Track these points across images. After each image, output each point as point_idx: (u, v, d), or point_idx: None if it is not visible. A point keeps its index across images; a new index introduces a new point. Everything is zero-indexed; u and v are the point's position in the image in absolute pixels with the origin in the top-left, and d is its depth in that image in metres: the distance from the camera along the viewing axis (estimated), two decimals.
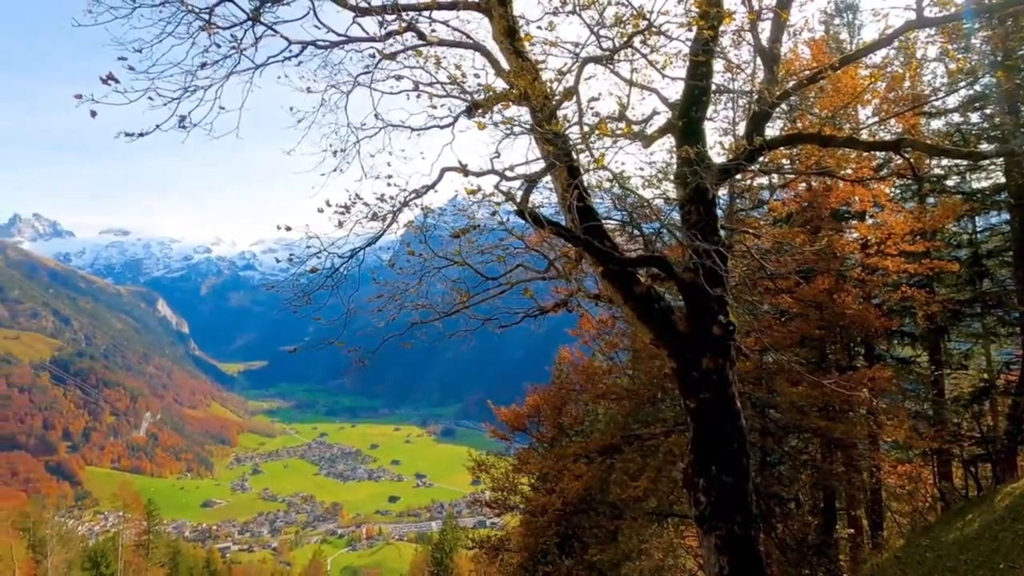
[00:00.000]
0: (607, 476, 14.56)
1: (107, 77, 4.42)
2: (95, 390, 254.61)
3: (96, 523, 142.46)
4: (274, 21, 5.26)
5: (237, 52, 5.22)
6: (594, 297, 8.96)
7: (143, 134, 4.82)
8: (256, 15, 5.16)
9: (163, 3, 5.17)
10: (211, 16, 5.29)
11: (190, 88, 5.05)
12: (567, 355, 20.74)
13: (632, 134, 5.73)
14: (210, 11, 5.28)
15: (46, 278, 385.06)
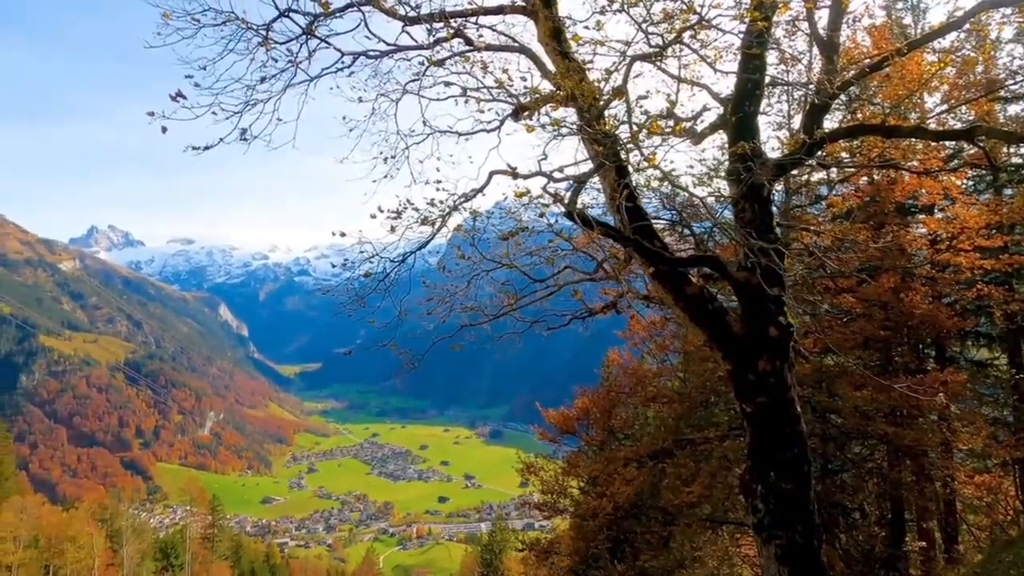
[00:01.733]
0: (658, 481, 14.25)
1: (176, 94, 4.69)
2: (164, 390, 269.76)
3: (166, 516, 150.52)
4: (328, 34, 5.45)
5: (293, 66, 5.44)
6: (644, 298, 8.81)
7: (208, 147, 5.09)
8: (311, 29, 5.36)
9: (224, 22, 5.44)
10: (268, 32, 5.53)
11: (251, 102, 5.30)
12: (616, 357, 20.46)
13: (682, 132, 5.61)
14: (267, 27, 5.52)
15: (120, 285, 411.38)
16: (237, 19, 5.23)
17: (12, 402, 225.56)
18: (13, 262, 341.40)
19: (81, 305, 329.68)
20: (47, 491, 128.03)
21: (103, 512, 60.58)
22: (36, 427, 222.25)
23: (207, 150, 5.10)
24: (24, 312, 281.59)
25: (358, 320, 7.74)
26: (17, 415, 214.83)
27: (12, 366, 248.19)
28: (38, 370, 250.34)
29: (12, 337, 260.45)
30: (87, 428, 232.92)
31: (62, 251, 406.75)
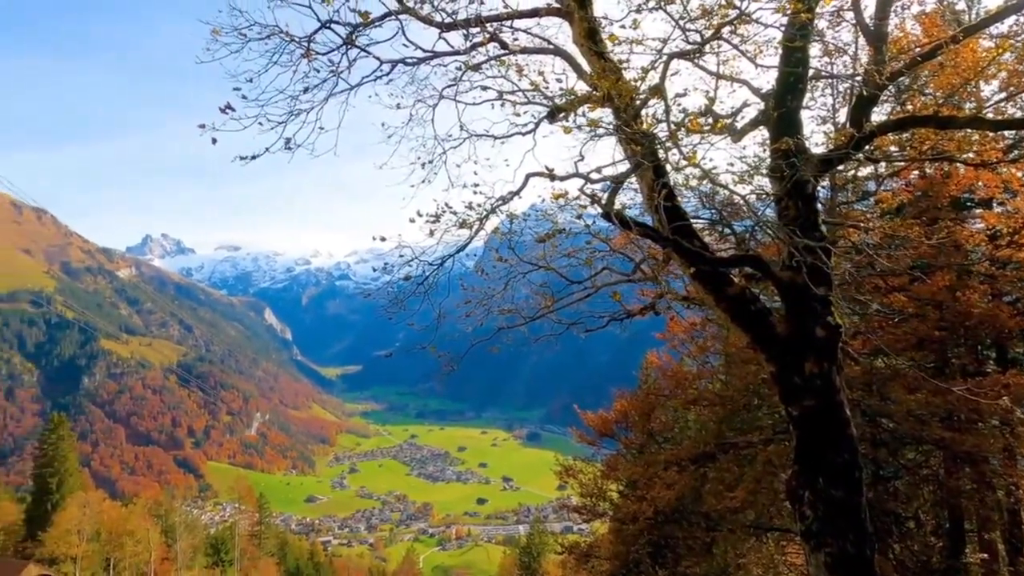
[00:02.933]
0: (700, 485, 13.94)
1: (225, 106, 4.91)
2: (214, 392, 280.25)
3: (216, 513, 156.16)
4: (367, 43, 5.59)
5: (335, 75, 5.60)
6: (683, 299, 8.67)
7: (255, 157, 5.30)
8: (351, 39, 5.51)
9: (268, 36, 5.65)
10: (310, 44, 5.72)
11: (294, 111, 5.49)
12: (655, 359, 20.17)
13: (722, 129, 5.51)
14: (309, 39, 5.70)
15: (172, 291, 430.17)
16: (281, 32, 5.42)
17: (76, 402, 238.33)
18: (76, 270, 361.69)
19: (137, 310, 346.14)
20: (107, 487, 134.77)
21: (158, 508, 63.39)
22: (97, 426, 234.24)
23: (254, 159, 5.31)
24: (86, 317, 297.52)
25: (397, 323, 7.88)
26: (80, 415, 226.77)
27: (75, 368, 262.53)
28: (99, 372, 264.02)
29: (75, 341, 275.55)
30: (143, 427, 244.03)
31: (120, 259, 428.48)
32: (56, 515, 47.47)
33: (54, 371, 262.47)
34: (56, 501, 48.99)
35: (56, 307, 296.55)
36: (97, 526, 50.10)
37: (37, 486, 51.45)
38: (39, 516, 48.80)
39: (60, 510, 47.91)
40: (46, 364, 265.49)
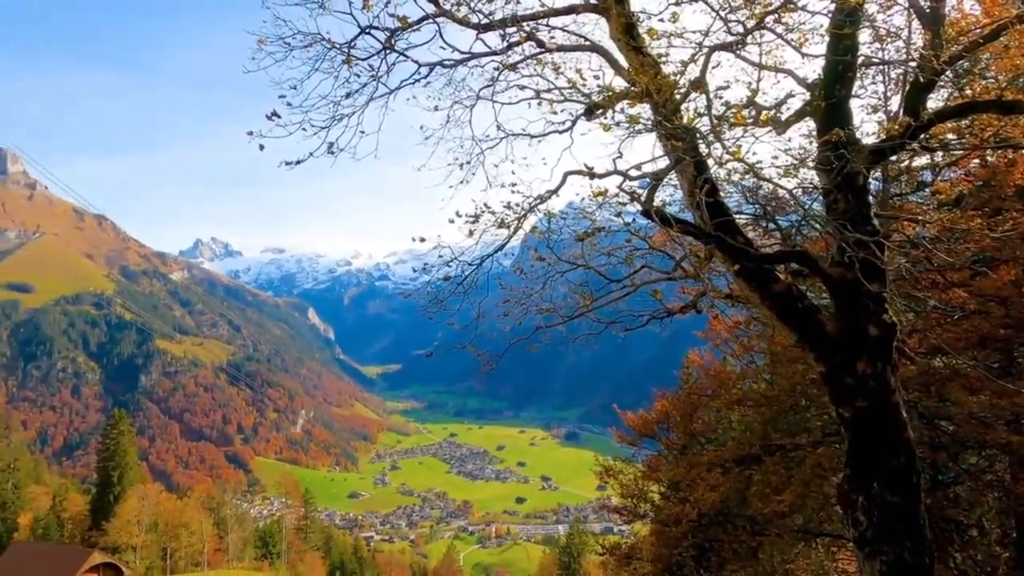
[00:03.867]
0: (745, 488, 13.57)
1: (271, 114, 5.07)
2: (261, 390, 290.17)
3: (264, 507, 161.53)
4: (405, 47, 5.68)
5: (375, 80, 5.70)
6: (726, 297, 8.46)
7: (299, 162, 5.46)
8: (390, 43, 5.60)
9: (310, 44, 5.79)
10: (350, 50, 5.84)
11: (336, 116, 5.62)
12: (696, 359, 19.75)
13: (767, 121, 5.34)
14: (350, 45, 5.82)
15: (221, 292, 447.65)
16: (323, 39, 5.55)
17: (134, 399, 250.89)
18: (133, 273, 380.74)
19: (189, 311, 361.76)
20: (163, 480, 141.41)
21: (210, 501, 66.10)
22: (153, 422, 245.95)
23: (299, 164, 5.47)
24: (143, 318, 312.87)
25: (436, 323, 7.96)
26: (138, 411, 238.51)
27: (134, 367, 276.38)
28: (155, 370, 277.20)
29: (133, 341, 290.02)
30: (196, 424, 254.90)
31: (173, 262, 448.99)
32: (118, 506, 50.12)
33: (114, 369, 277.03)
34: (118, 493, 51.73)
35: (116, 309, 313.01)
36: (155, 517, 52.63)
37: (100, 478, 54.46)
38: (102, 507, 51.63)
39: (121, 501, 50.57)
40: (107, 363, 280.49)
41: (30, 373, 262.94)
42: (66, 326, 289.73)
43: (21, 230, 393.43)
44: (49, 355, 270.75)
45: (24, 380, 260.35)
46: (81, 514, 54.29)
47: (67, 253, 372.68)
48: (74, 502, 55.83)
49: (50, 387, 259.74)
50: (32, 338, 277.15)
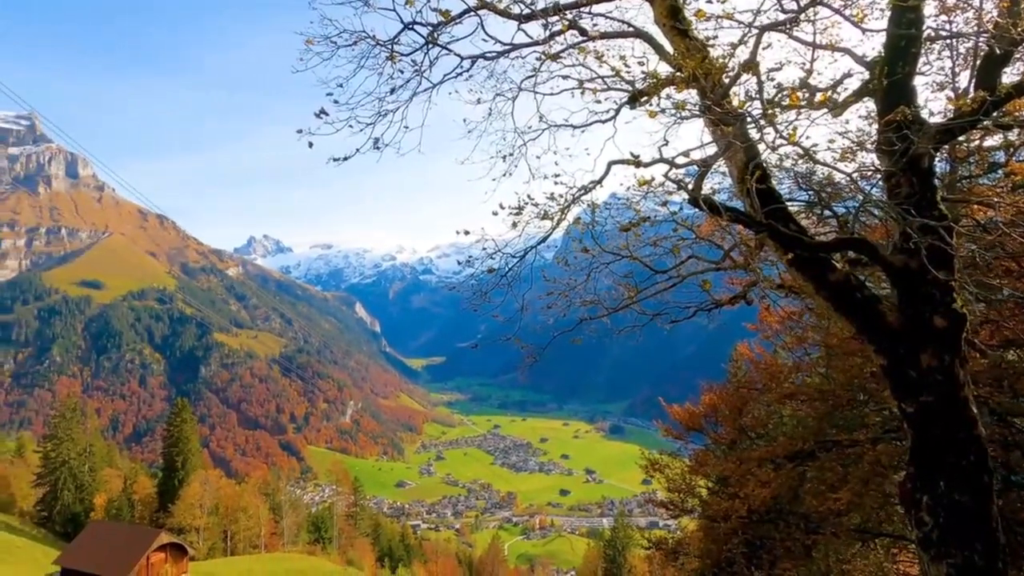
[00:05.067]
0: (798, 485, 13.11)
1: (320, 111, 5.20)
2: (312, 381, 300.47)
3: (316, 494, 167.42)
4: (448, 41, 5.70)
5: (418, 75, 5.76)
6: (778, 287, 8.17)
7: (347, 158, 5.58)
8: (433, 38, 5.64)
9: (355, 42, 5.90)
10: (393, 46, 5.90)
11: (381, 112, 5.72)
12: (746, 351, 19.17)
13: (823, 103, 5.09)
14: (393, 41, 5.89)
15: (273, 287, 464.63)
16: (367, 37, 5.64)
17: (195, 389, 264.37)
18: (192, 269, 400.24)
19: (244, 305, 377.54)
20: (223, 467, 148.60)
21: (266, 487, 69.02)
22: (213, 411, 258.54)
23: (346, 160, 5.60)
24: (202, 313, 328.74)
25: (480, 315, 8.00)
26: (199, 400, 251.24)
27: (194, 359, 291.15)
28: (213, 362, 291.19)
29: (194, 334, 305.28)
30: (252, 413, 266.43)
31: (228, 259, 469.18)
32: (182, 490, 53.04)
33: (177, 361, 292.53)
34: (182, 477, 54.72)
35: (177, 304, 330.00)
36: (215, 501, 55.39)
37: (166, 463, 57.71)
38: (168, 490, 54.74)
39: (185, 486, 53.47)
40: (170, 355, 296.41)
41: (102, 364, 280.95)
42: (133, 320, 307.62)
43: (92, 230, 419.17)
44: (118, 347, 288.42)
45: (97, 371, 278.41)
46: (149, 496, 57.72)
47: (133, 251, 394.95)
48: (143, 485, 59.40)
49: (120, 377, 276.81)
50: (103, 331, 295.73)
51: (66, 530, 54.27)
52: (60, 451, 55.98)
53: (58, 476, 55.98)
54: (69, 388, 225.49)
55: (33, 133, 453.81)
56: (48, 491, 56.52)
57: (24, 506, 59.00)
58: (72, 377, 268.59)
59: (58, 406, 66.22)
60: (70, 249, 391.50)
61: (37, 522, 56.47)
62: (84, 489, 57.37)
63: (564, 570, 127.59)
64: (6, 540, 46.84)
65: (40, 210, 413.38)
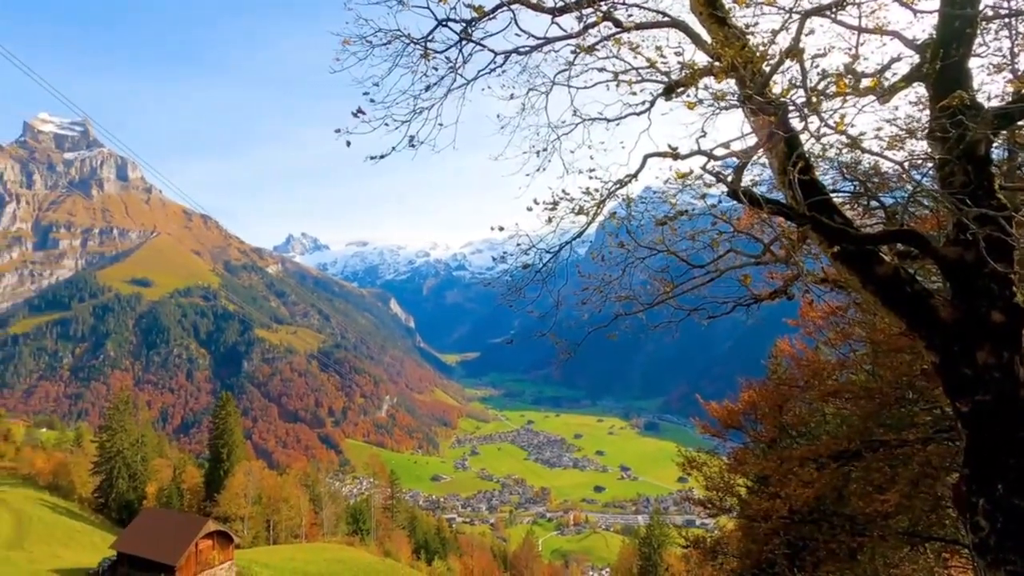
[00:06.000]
0: (843, 485, 12.69)
1: (357, 111, 5.28)
2: (349, 376, 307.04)
3: (354, 486, 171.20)
4: (482, 37, 5.70)
5: (452, 71, 5.79)
6: (821, 281, 7.91)
7: (383, 156, 5.66)
8: (466, 34, 5.65)
9: (390, 41, 5.96)
10: (427, 43, 5.95)
11: (417, 110, 5.77)
12: (786, 347, 18.64)
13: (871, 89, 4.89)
14: (427, 39, 5.93)
15: (311, 284, 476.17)
16: (402, 35, 5.69)
17: (238, 383, 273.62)
18: (235, 267, 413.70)
19: (283, 302, 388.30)
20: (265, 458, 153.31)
21: (306, 479, 70.96)
22: (255, 404, 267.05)
23: (383, 158, 5.67)
24: (244, 309, 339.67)
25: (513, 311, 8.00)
26: (242, 394, 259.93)
27: (237, 354, 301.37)
28: (255, 357, 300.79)
29: (236, 330, 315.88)
30: (292, 407, 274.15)
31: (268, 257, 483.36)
32: (227, 480, 55.04)
33: (221, 356, 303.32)
34: (227, 468, 56.77)
35: (221, 300, 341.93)
36: (258, 491, 57.27)
37: (212, 454, 59.99)
38: (214, 480, 56.88)
39: (230, 476, 55.46)
40: (215, 350, 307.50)
41: (152, 359, 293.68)
42: (179, 316, 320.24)
43: (141, 230, 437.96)
44: (167, 343, 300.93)
45: (147, 365, 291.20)
46: (197, 486, 60.11)
47: (178, 250, 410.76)
48: (191, 475, 61.91)
49: (168, 371, 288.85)
50: (152, 327, 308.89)
51: (121, 516, 57.06)
52: (115, 441, 58.78)
53: (113, 465, 58.83)
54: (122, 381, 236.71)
55: (87, 138, 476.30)
56: (104, 479, 59.48)
57: (83, 493, 62.29)
58: (124, 371, 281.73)
59: (112, 399, 69.54)
60: (121, 249, 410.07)
61: (95, 508, 59.54)
62: (137, 478, 60.14)
63: (599, 567, 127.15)
64: (68, 525, 49.53)
65: (93, 212, 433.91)
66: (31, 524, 45.51)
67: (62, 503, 58.17)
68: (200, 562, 35.61)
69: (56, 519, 50.00)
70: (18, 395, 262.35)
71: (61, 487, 63.33)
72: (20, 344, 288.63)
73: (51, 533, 45.47)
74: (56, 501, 58.08)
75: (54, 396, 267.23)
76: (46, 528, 46.08)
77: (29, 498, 55.05)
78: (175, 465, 65.84)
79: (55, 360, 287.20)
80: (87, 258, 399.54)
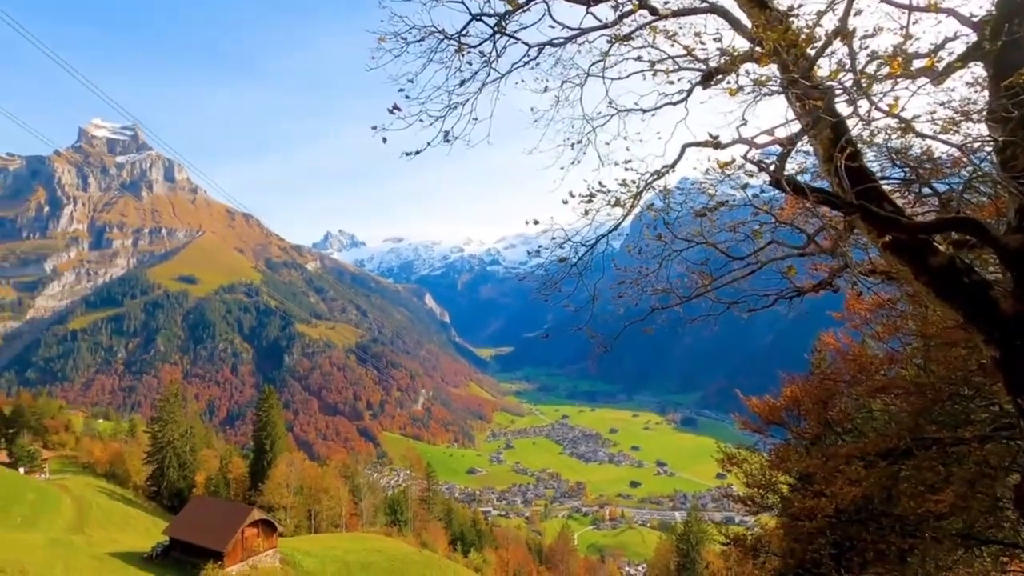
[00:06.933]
0: (892, 484, 12.21)
1: (393, 107, 5.33)
2: (386, 370, 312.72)
3: (391, 478, 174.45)
4: (515, 30, 5.67)
5: (486, 65, 5.77)
6: (870, 273, 7.61)
7: (418, 152, 5.70)
8: (500, 27, 5.63)
9: (423, 38, 5.99)
10: (461, 38, 5.95)
11: (451, 105, 5.78)
12: (831, 341, 18.02)
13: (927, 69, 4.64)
14: (461, 34, 5.93)
15: (349, 280, 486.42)
16: (436, 31, 5.71)
17: (280, 377, 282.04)
18: (275, 264, 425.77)
19: (322, 298, 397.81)
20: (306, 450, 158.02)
21: (345, 470, 72.61)
22: (296, 397, 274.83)
23: (417, 154, 5.71)
24: (284, 305, 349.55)
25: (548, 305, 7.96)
26: (283, 387, 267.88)
27: (279, 348, 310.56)
28: (296, 351, 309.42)
29: (277, 325, 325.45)
30: (331, 400, 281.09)
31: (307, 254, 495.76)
32: (270, 470, 56.86)
33: (264, 350, 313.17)
34: (270, 459, 58.64)
35: (263, 297, 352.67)
36: (300, 482, 58.98)
37: (256, 446, 62.04)
38: (258, 470, 58.85)
39: (273, 467, 57.29)
40: (258, 345, 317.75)
41: (199, 353, 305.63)
42: (224, 312, 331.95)
43: (187, 229, 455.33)
44: (212, 338, 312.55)
45: (195, 359, 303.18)
46: (242, 476, 62.31)
47: (222, 248, 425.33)
48: (236, 465, 64.21)
49: (214, 365, 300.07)
50: (199, 323, 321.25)
51: (172, 503, 59.69)
52: (165, 432, 61.44)
53: (164, 455, 61.53)
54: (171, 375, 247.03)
55: (136, 142, 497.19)
56: (156, 468, 62.30)
57: (137, 481, 65.43)
58: (174, 365, 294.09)
59: (163, 391, 72.67)
60: (169, 247, 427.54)
61: (148, 496, 62.47)
62: (186, 467, 62.77)
63: (635, 562, 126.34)
64: (124, 511, 52.11)
65: (143, 212, 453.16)
66: (91, 510, 48.09)
67: (118, 490, 61.27)
68: (246, 549, 36.96)
69: (113, 505, 52.69)
70: (77, 388, 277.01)
71: (117, 475, 66.69)
72: (78, 339, 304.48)
73: (108, 518, 47.96)
74: (113, 488, 61.22)
75: (109, 388, 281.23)
76: (104, 514, 48.61)
77: (89, 485, 58.17)
78: (221, 456, 68.39)
79: (110, 355, 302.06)
80: (138, 257, 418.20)
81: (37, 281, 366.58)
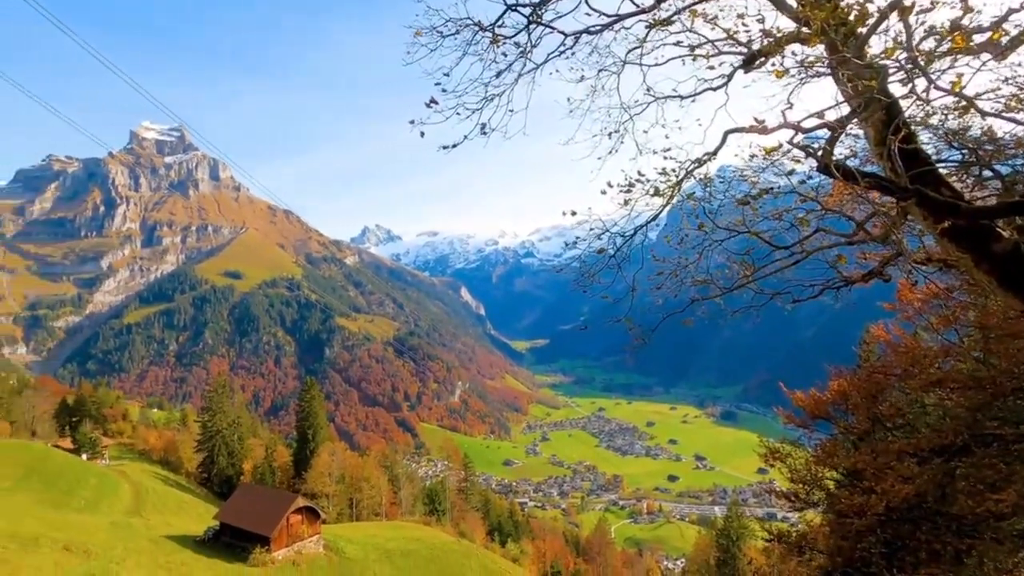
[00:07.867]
0: (947, 482, 11.67)
1: (430, 101, 5.35)
2: (423, 362, 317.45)
3: (429, 468, 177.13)
4: (551, 19, 5.60)
5: (522, 56, 5.72)
6: (925, 261, 7.25)
7: (455, 145, 5.71)
8: (536, 16, 5.56)
9: (458, 31, 5.97)
10: (496, 29, 5.91)
11: (487, 97, 5.76)
12: (881, 333, 17.28)
13: (991, 43, 4.37)
14: (495, 25, 5.89)
15: (386, 274, 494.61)
16: (471, 23, 5.69)
17: (321, 369, 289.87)
18: (316, 259, 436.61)
19: (360, 292, 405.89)
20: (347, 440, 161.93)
21: (385, 460, 74.14)
22: (336, 389, 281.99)
23: (455, 148, 5.73)
24: (325, 299, 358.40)
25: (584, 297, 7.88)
26: (324, 379, 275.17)
27: (319, 341, 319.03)
28: (336, 344, 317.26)
29: (318, 319, 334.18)
30: (370, 391, 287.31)
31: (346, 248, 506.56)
32: (313, 460, 58.58)
33: (305, 343, 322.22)
34: (312, 448, 60.39)
35: (304, 291, 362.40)
36: (342, 471, 60.56)
37: (299, 435, 63.98)
38: (302, 459, 60.70)
39: (315, 456, 59.00)
40: (299, 337, 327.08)
41: (244, 346, 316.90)
42: (267, 306, 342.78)
43: (232, 226, 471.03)
44: (257, 331, 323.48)
45: (240, 352, 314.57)
46: (286, 464, 64.39)
47: (264, 244, 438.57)
48: (281, 454, 66.37)
49: (259, 357, 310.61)
50: (244, 316, 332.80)
51: (222, 490, 62.18)
52: (214, 422, 63.95)
53: (214, 443, 64.09)
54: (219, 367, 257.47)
55: (183, 143, 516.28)
56: (207, 456, 64.96)
57: (189, 468, 68.44)
58: (221, 357, 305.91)
59: (211, 382, 75.58)
60: (215, 244, 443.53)
61: (199, 482, 65.28)
62: (235, 456, 65.22)
63: (673, 557, 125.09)
64: (178, 496, 54.62)
65: (190, 210, 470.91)
66: (147, 495, 50.57)
67: (172, 476, 64.24)
68: (291, 535, 38.23)
69: (167, 491, 55.26)
70: (132, 379, 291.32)
71: (171, 462, 69.92)
72: (133, 333, 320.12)
73: (163, 503, 50.32)
74: (167, 474, 64.22)
75: (162, 380, 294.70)
76: (159, 498, 51.04)
77: (145, 471, 61.18)
78: (267, 445, 70.77)
79: (162, 347, 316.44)
80: (186, 253, 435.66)
81: (95, 278, 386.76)
